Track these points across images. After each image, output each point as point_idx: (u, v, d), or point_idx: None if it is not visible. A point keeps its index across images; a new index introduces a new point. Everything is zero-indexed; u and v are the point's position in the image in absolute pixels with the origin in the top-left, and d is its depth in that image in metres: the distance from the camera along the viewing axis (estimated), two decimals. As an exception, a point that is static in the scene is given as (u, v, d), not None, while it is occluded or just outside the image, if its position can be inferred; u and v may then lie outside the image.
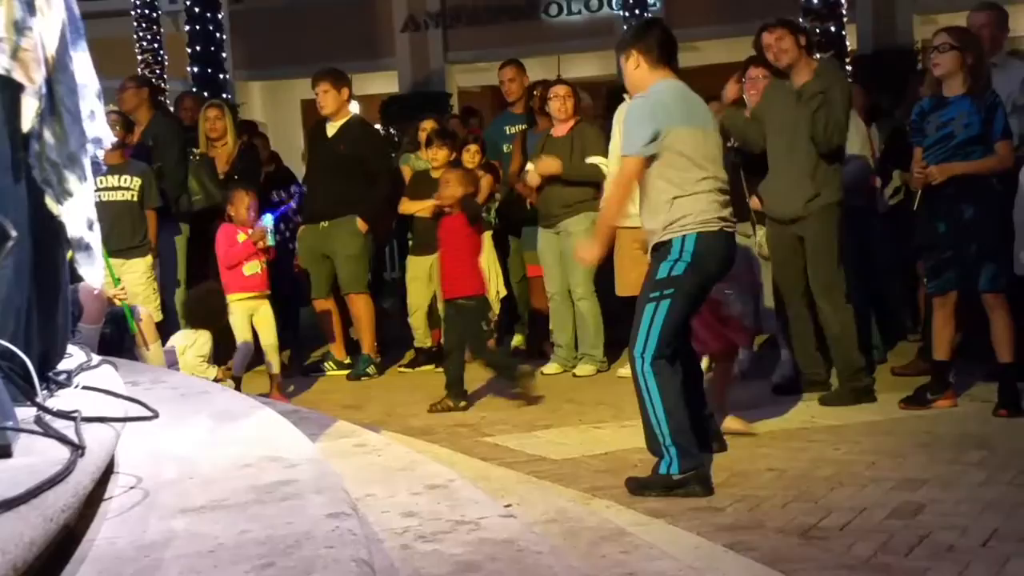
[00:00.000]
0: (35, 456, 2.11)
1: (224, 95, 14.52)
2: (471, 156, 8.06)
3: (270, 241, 6.92)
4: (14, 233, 2.07)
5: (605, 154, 6.84)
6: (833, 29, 12.47)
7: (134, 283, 6.92)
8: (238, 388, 6.25)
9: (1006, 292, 5.43)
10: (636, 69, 4.60)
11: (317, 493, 2.42)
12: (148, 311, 6.26)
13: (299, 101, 19.43)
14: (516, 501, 3.63)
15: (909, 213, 7.11)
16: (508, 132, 8.43)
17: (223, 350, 7.32)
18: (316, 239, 7.84)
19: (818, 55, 6.25)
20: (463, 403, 6.36)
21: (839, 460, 4.62)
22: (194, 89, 14.11)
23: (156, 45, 16.87)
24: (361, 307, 7.78)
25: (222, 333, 7.26)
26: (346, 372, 7.81)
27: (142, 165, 7.67)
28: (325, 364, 8.03)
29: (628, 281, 6.90)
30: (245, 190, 7.12)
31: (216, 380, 6.11)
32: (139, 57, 16.73)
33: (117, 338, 6.04)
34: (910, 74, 12.39)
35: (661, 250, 4.46)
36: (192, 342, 6.86)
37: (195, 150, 8.25)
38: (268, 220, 6.92)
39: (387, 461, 3.58)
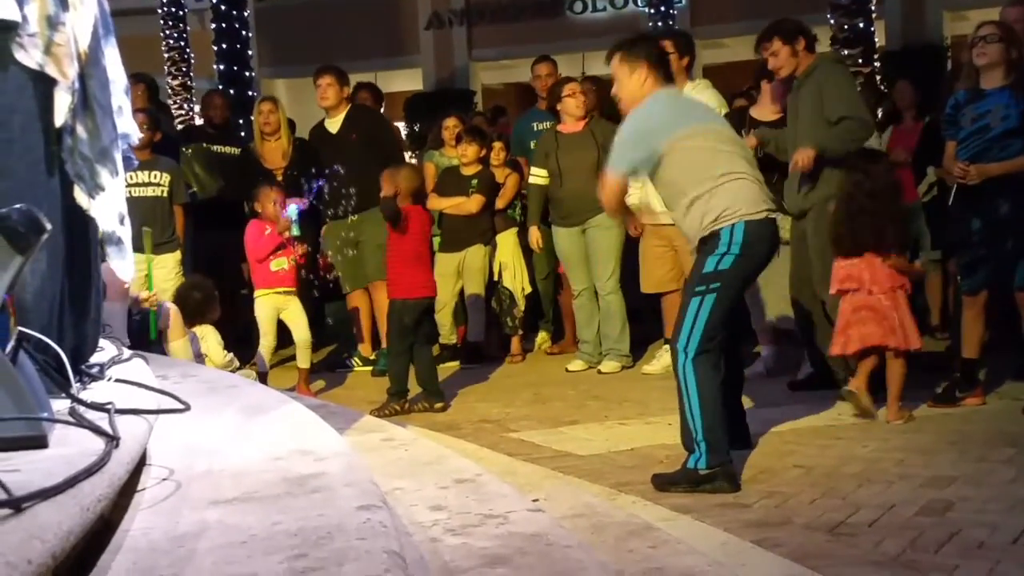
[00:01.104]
0: (70, 447, 2.12)
1: (250, 92, 14.60)
2: (495, 154, 8.08)
3: (295, 231, 6.91)
4: (49, 226, 2.09)
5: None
6: (862, 25, 12.40)
7: (163, 279, 6.98)
8: (264, 383, 6.28)
9: None
10: (640, 86, 4.52)
11: (347, 486, 2.43)
12: (175, 307, 6.29)
13: (323, 99, 19.50)
14: (543, 496, 3.63)
15: (944, 209, 7.09)
16: (536, 129, 8.43)
17: (240, 345, 7.39)
18: (344, 232, 7.87)
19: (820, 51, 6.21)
20: (439, 404, 6.28)
21: (867, 457, 4.60)
22: (220, 87, 14.17)
23: (182, 43, 16.97)
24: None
25: (232, 328, 7.33)
26: (371, 368, 7.83)
27: (171, 161, 7.73)
28: (352, 360, 8.06)
29: (653, 278, 6.92)
30: (270, 186, 7.14)
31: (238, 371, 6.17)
32: (165, 55, 16.83)
33: (144, 328, 6.10)
34: (940, 70, 12.36)
35: (709, 243, 4.38)
36: (202, 336, 6.90)
37: (187, 145, 8.28)
38: (293, 211, 6.93)
39: (414, 455, 3.59)
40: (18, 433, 2.02)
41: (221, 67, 15.16)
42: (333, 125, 7.90)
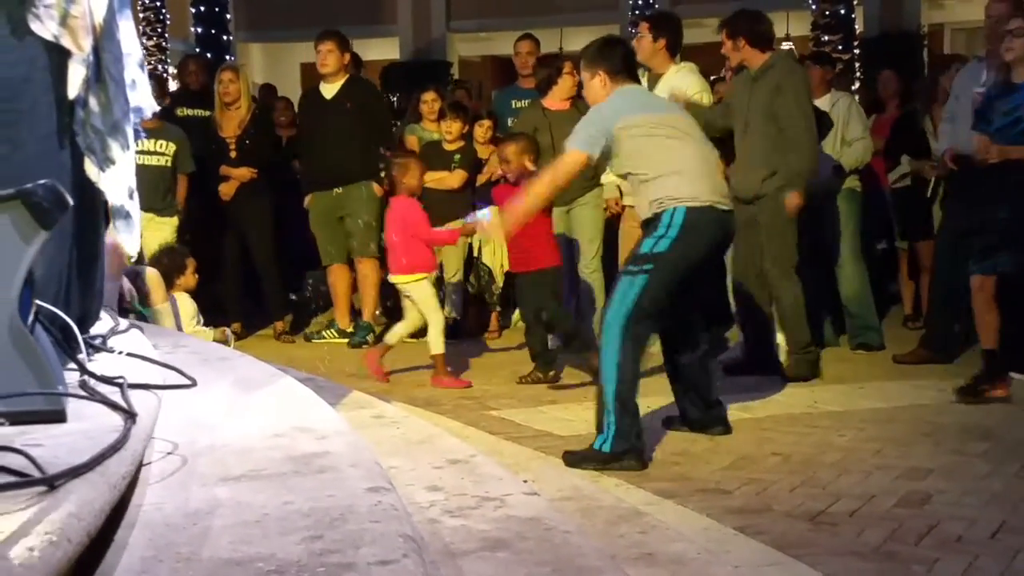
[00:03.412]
0: (86, 421, 2.14)
1: (228, 57, 14.48)
2: (484, 131, 8.09)
3: (480, 236, 6.71)
4: (71, 202, 2.10)
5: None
6: (843, 12, 12.49)
7: (160, 240, 7.05)
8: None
9: None
10: (602, 88, 4.79)
11: (353, 466, 2.46)
12: (156, 272, 6.28)
13: (299, 64, 19.33)
14: (531, 478, 3.67)
15: (918, 200, 7.19)
16: (514, 106, 8.44)
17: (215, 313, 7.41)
18: (329, 204, 7.84)
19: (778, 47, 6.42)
20: (551, 372, 6.30)
21: (844, 447, 4.68)
22: (197, 50, 14.06)
23: (158, 3, 16.76)
24: (368, 272, 7.83)
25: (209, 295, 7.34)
26: (346, 340, 7.85)
27: (178, 130, 7.73)
28: (326, 331, 8.07)
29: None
30: (416, 159, 6.83)
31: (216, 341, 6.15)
32: (141, 15, 16.61)
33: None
34: (917, 58, 12.48)
35: (651, 225, 4.58)
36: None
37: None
38: (484, 215, 6.56)
39: (406, 434, 3.62)
40: (38, 407, 2.03)
41: (198, 30, 15.01)
42: (329, 91, 7.84)
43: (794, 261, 6.13)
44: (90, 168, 2.67)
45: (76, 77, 2.60)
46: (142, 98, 2.87)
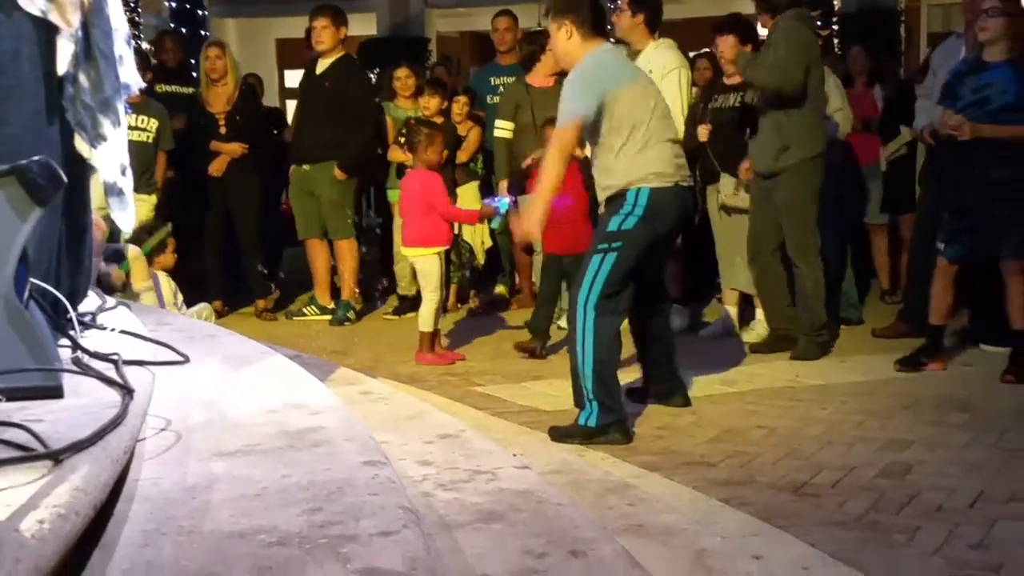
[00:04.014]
0: (84, 397, 2.15)
1: (202, 32, 14.36)
2: (460, 107, 8.08)
3: (495, 224, 6.61)
4: (65, 179, 2.10)
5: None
6: (823, -14, 12.50)
7: (139, 218, 6.99)
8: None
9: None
10: (569, 40, 4.71)
11: (348, 441, 2.48)
12: (138, 249, 6.25)
13: (274, 40, 19.21)
14: (519, 452, 3.70)
15: (910, 169, 7.22)
16: (493, 83, 8.43)
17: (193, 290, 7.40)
18: (301, 179, 7.85)
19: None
20: (543, 349, 6.33)
21: (826, 420, 4.73)
22: (171, 25, 13.93)
23: (131, -23, 16.62)
24: (345, 252, 7.82)
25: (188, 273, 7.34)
26: (328, 317, 7.85)
27: (159, 106, 7.69)
28: (307, 308, 8.07)
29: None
30: (440, 132, 6.70)
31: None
32: (114, -11, 16.47)
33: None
34: (894, 35, 12.52)
35: (614, 203, 4.60)
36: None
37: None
38: (504, 204, 6.33)
39: (395, 409, 3.64)
40: (36, 383, 2.04)
41: (172, 4, 14.86)
42: (321, 66, 7.79)
43: (817, 247, 6.08)
44: (80, 144, 2.66)
45: (65, 53, 2.59)
46: (129, 74, 2.86)
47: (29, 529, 1.40)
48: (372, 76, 14.25)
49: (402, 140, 7.32)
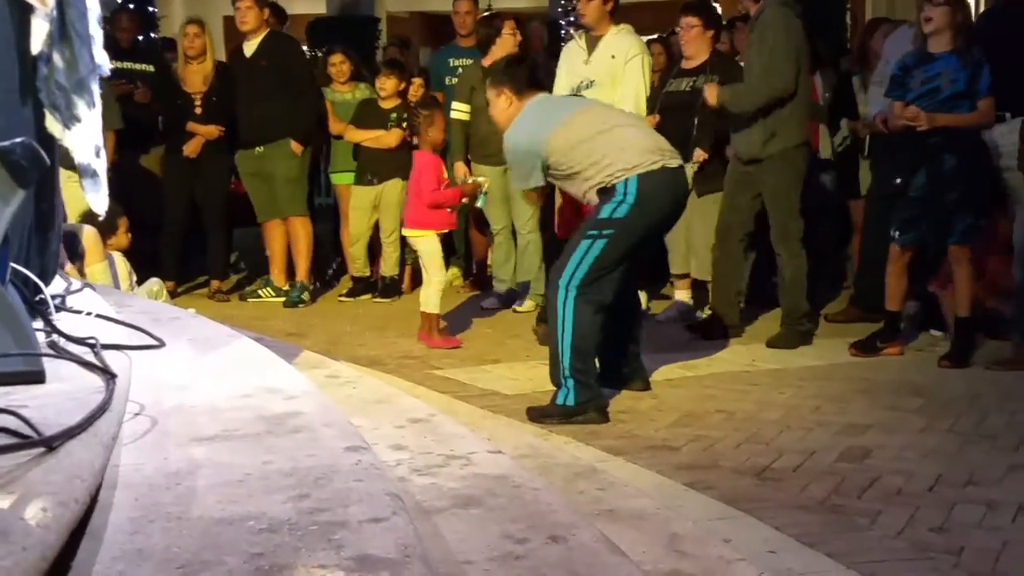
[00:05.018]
0: (66, 383, 2.12)
1: (150, 8, 14.13)
2: (415, 89, 8.06)
3: (480, 203, 6.51)
4: (48, 162, 2.07)
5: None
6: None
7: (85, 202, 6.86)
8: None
9: (973, 247, 5.58)
10: (509, 107, 4.99)
11: (327, 426, 2.47)
12: (94, 230, 6.16)
13: (221, 17, 18.94)
14: (487, 436, 3.71)
15: (854, 161, 7.32)
16: (451, 65, 8.40)
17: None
18: (253, 164, 7.78)
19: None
20: None
21: (785, 404, 4.80)
22: (119, 1, 13.69)
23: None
24: (299, 230, 7.78)
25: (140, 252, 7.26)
26: (282, 299, 7.80)
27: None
28: (262, 290, 8.01)
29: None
30: (440, 111, 6.65)
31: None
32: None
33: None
34: (840, 20, 12.60)
35: (606, 194, 4.63)
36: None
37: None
38: (484, 181, 6.39)
39: (363, 394, 3.63)
40: (18, 368, 2.01)
41: (121, -21, 14.61)
42: (249, 47, 7.74)
43: (800, 235, 6.11)
44: (53, 125, 2.62)
45: (39, 32, 2.54)
46: (100, 54, 2.82)
47: (34, 518, 1.38)
48: (319, 56, 14.16)
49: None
